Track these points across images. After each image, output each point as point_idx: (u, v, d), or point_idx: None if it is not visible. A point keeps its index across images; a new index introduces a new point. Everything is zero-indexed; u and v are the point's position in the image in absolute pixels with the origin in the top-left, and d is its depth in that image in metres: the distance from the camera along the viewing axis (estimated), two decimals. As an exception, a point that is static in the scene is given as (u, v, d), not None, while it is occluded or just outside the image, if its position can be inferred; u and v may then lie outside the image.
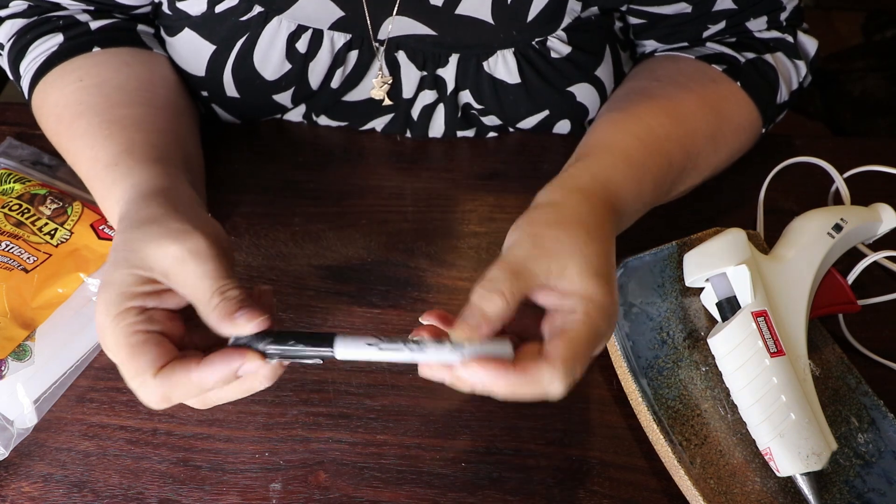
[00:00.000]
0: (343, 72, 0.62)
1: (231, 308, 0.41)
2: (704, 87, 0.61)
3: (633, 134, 0.56)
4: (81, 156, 0.54)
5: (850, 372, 0.54)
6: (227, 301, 0.41)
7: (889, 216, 0.60)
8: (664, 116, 0.57)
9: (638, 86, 0.62)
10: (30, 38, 0.59)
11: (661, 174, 0.56)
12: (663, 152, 0.56)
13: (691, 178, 0.60)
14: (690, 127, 0.58)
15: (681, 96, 0.59)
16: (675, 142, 0.57)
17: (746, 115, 0.62)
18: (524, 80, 0.62)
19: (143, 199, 0.47)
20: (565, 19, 0.60)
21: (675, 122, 0.57)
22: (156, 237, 0.42)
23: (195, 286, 0.41)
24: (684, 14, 0.61)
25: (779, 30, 0.64)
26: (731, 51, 0.63)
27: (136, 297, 0.42)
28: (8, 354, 0.52)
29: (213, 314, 0.41)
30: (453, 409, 0.54)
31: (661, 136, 0.56)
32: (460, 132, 0.69)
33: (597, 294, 0.44)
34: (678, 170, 0.57)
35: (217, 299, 0.41)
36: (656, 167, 0.55)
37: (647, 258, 0.57)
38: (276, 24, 0.58)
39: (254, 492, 0.50)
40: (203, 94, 0.64)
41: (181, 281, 0.42)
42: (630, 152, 0.54)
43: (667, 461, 0.50)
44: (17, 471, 0.51)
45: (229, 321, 0.41)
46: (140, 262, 0.42)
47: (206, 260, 0.42)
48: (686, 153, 0.58)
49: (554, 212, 0.48)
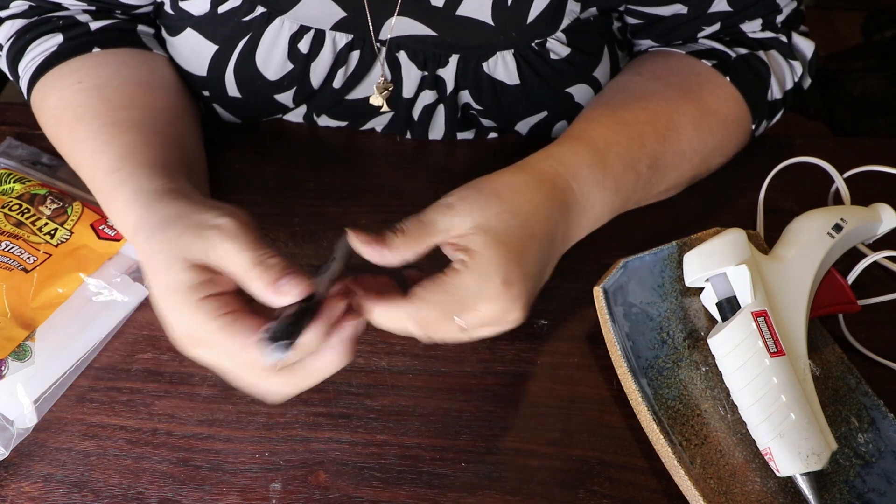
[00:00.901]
0: (345, 72, 0.62)
1: (273, 276, 0.42)
2: (687, 79, 0.61)
3: (600, 122, 0.57)
4: (83, 163, 0.54)
5: (850, 372, 0.54)
6: (269, 269, 0.42)
7: (889, 216, 0.60)
8: (637, 106, 0.58)
9: (618, 81, 0.63)
10: (29, 38, 0.59)
11: (630, 154, 0.56)
12: (632, 136, 0.56)
13: (676, 164, 0.59)
14: (667, 115, 0.58)
15: (659, 88, 0.60)
16: (648, 127, 0.57)
17: (734, 109, 0.62)
18: (523, 81, 0.62)
19: (153, 205, 0.47)
20: (564, 21, 0.60)
21: (650, 111, 0.58)
22: (184, 231, 0.44)
23: (235, 263, 0.42)
24: (680, 15, 0.61)
25: (773, 32, 0.64)
26: (722, 46, 0.63)
27: (202, 287, 0.43)
28: (8, 354, 0.52)
29: (257, 284, 0.42)
30: (453, 409, 0.54)
31: (632, 122, 0.57)
32: (460, 133, 0.69)
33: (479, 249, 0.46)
34: (653, 153, 0.57)
35: (258, 269, 0.42)
36: (623, 149, 0.55)
37: (647, 258, 0.57)
38: (278, 25, 0.58)
39: (254, 492, 0.50)
40: (204, 93, 0.64)
41: (222, 263, 0.43)
42: (594, 137, 0.55)
43: (667, 461, 0.50)
44: (17, 471, 0.51)
45: (273, 289, 0.41)
46: (184, 255, 0.43)
47: (237, 236, 0.43)
48: (662, 138, 0.57)
49: (485, 178, 0.51)
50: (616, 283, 0.56)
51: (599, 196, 0.55)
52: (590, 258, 0.60)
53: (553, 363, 0.56)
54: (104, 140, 0.53)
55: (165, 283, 0.43)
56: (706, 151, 0.61)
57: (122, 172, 0.50)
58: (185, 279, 0.43)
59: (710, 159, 0.62)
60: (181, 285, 0.43)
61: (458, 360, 0.56)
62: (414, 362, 0.56)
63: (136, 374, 0.55)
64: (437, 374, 0.55)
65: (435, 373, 0.55)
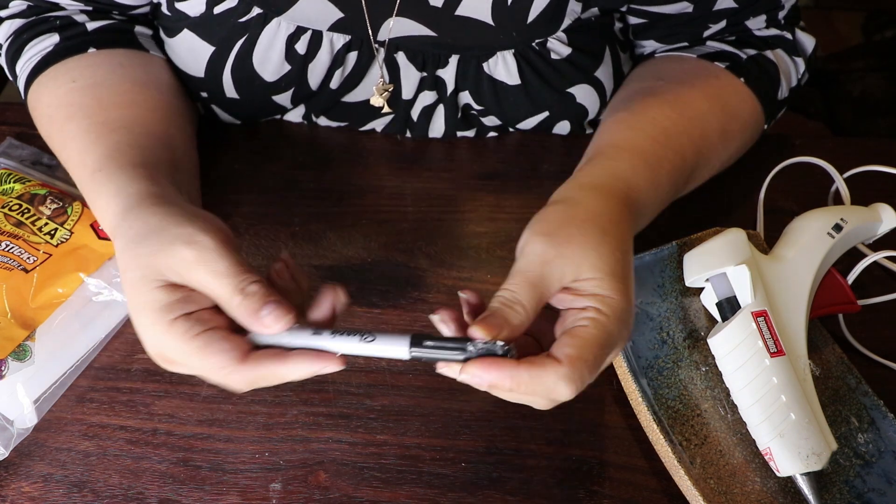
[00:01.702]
0: (342, 73, 0.62)
1: (255, 305, 0.41)
2: (709, 83, 0.60)
3: (646, 132, 0.55)
4: (71, 161, 0.54)
5: (850, 372, 0.54)
6: (250, 298, 0.41)
7: (889, 216, 0.60)
8: (673, 113, 0.57)
9: (643, 86, 0.62)
10: (26, 37, 0.59)
11: (675, 171, 0.55)
12: (676, 148, 0.55)
13: (701, 174, 0.60)
14: (701, 123, 0.58)
15: (687, 93, 0.59)
16: (686, 137, 0.57)
17: (751, 111, 0.62)
18: (524, 81, 0.62)
19: (132, 211, 0.46)
20: (565, 20, 0.59)
21: (686, 118, 0.57)
22: (162, 247, 0.42)
23: (213, 288, 0.41)
24: (685, 14, 0.61)
25: (777, 28, 0.64)
26: (731, 48, 0.63)
27: (174, 306, 0.41)
28: (8, 354, 0.52)
29: (238, 313, 0.41)
30: (453, 409, 0.54)
31: (673, 132, 0.56)
32: (460, 133, 0.69)
33: (610, 294, 0.42)
34: (691, 166, 0.57)
35: (238, 298, 0.41)
36: (670, 164, 0.55)
37: (647, 258, 0.57)
38: (275, 26, 0.58)
39: (254, 492, 0.50)
40: (203, 94, 0.64)
41: (199, 284, 0.41)
42: (645, 150, 0.54)
43: (667, 461, 0.50)
44: (17, 471, 0.51)
45: (256, 319, 0.41)
46: (157, 274, 0.42)
47: (217, 259, 0.41)
48: (697, 149, 0.57)
49: (568, 209, 0.47)
50: (616, 283, 0.56)
51: (649, 216, 0.54)
52: (590, 258, 0.60)
53: (553, 363, 0.56)
54: (92, 139, 0.53)
55: (137, 301, 0.42)
56: (726, 158, 0.62)
57: (106, 172, 0.50)
58: (158, 298, 0.41)
59: (726, 164, 0.63)
60: (153, 305, 0.41)
61: (458, 360, 0.56)
62: (414, 362, 0.56)
63: (136, 374, 0.55)
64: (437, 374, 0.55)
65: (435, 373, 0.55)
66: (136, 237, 0.44)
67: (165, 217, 0.44)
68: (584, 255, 0.43)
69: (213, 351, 0.41)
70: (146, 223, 0.44)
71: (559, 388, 0.40)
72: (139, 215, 0.45)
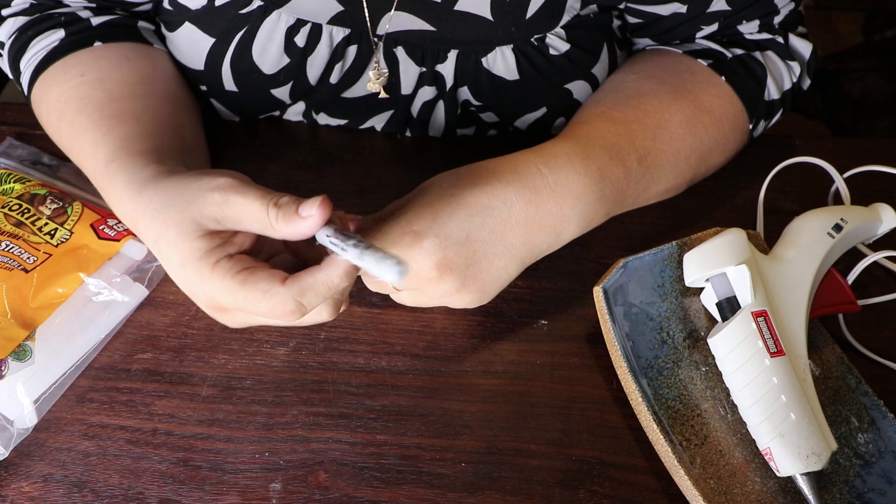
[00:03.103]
0: (342, 67, 0.62)
1: (291, 209, 0.42)
2: (681, 78, 0.61)
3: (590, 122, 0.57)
4: (84, 154, 0.54)
5: (850, 372, 0.54)
6: (285, 207, 0.42)
7: (889, 216, 0.60)
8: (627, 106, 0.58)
9: (613, 81, 0.63)
10: (31, 34, 0.59)
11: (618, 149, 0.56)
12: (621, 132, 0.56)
13: (671, 161, 0.59)
14: (657, 114, 0.58)
15: (652, 87, 0.60)
16: (637, 125, 0.57)
17: (729, 108, 0.61)
18: (522, 76, 0.62)
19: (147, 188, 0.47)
20: (564, 17, 0.60)
21: (640, 110, 0.58)
22: (190, 202, 0.44)
23: (249, 214, 0.43)
24: (679, 14, 0.61)
25: (770, 32, 0.64)
26: (718, 46, 0.63)
27: (215, 251, 0.43)
28: (8, 354, 0.52)
29: (279, 224, 0.42)
30: (453, 409, 0.54)
31: (620, 119, 0.57)
32: (460, 130, 0.69)
33: (407, 207, 0.49)
34: (642, 148, 0.57)
35: (274, 210, 0.42)
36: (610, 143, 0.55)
37: (647, 258, 0.57)
38: (275, 18, 0.59)
39: (254, 492, 0.50)
40: (202, 88, 0.65)
41: (235, 218, 0.43)
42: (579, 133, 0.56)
43: (667, 461, 0.50)
44: (17, 471, 0.51)
45: (297, 220, 0.42)
46: (195, 226, 0.43)
47: (244, 190, 0.43)
48: (652, 136, 0.57)
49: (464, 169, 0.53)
50: (616, 283, 0.56)
51: (581, 183, 0.53)
52: (590, 258, 0.60)
53: (553, 363, 0.56)
54: (103, 132, 0.53)
55: (178, 258, 0.44)
56: (703, 150, 0.61)
57: (118, 162, 0.51)
58: (198, 248, 0.43)
59: (707, 158, 0.62)
60: (194, 255, 0.43)
61: (458, 360, 0.56)
62: (414, 362, 0.56)
63: (136, 374, 0.55)
64: (437, 374, 0.55)
65: (435, 373, 0.55)
66: (159, 205, 0.45)
67: (181, 180, 0.46)
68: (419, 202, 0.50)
69: (257, 279, 0.43)
70: (165, 191, 0.46)
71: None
72: (156, 189, 0.47)
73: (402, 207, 0.51)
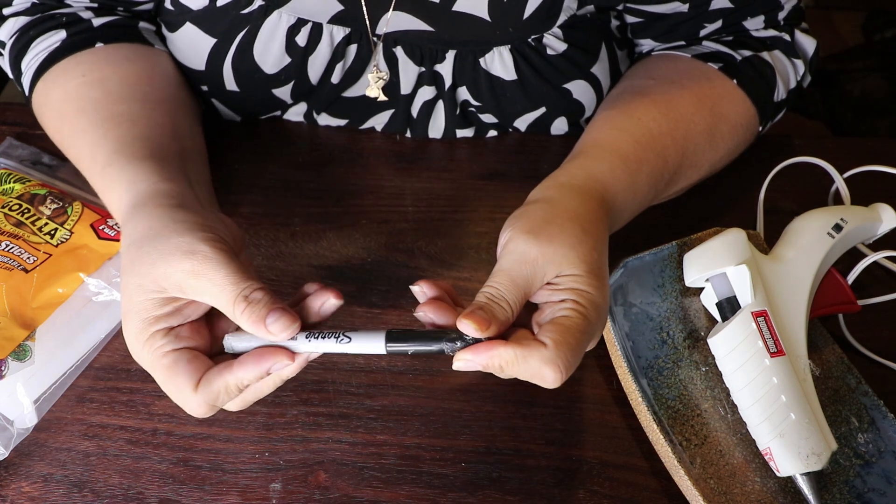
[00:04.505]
0: (343, 66, 0.62)
1: (260, 313, 0.41)
2: (700, 84, 0.61)
3: (629, 132, 0.56)
4: (82, 155, 0.55)
5: (850, 372, 0.54)
6: (254, 306, 0.41)
7: (889, 216, 0.60)
8: (658, 114, 0.57)
9: (633, 84, 0.62)
10: (32, 34, 0.59)
11: (656, 172, 0.56)
12: (658, 150, 0.56)
13: (688, 175, 0.60)
14: (686, 124, 0.58)
15: (676, 94, 0.59)
16: (669, 139, 0.57)
17: (743, 113, 0.62)
18: (520, 76, 0.62)
19: (139, 210, 0.46)
20: (561, 17, 0.60)
21: (670, 119, 0.58)
22: (161, 257, 0.42)
23: (216, 296, 0.42)
24: (681, 13, 0.61)
25: (776, 29, 0.64)
26: (727, 49, 0.63)
27: (158, 320, 0.42)
28: (8, 354, 0.52)
29: (243, 320, 0.41)
30: (453, 409, 0.54)
31: (656, 133, 0.56)
32: (460, 131, 0.69)
33: (588, 290, 0.44)
34: (673, 167, 0.57)
35: (242, 305, 0.41)
36: (651, 165, 0.55)
37: (647, 258, 0.57)
38: (276, 18, 0.59)
39: (254, 492, 0.50)
40: (203, 88, 0.65)
41: (200, 294, 0.42)
42: (625, 152, 0.55)
43: (667, 461, 0.50)
44: (17, 471, 0.51)
45: (263, 327, 0.41)
46: (154, 285, 0.42)
47: (218, 267, 0.42)
48: (681, 150, 0.58)
49: (549, 207, 0.48)
50: (616, 283, 0.56)
51: (626, 216, 0.55)
52: (590, 258, 0.60)
53: (553, 363, 0.56)
54: (101, 134, 0.53)
55: (128, 306, 0.43)
56: (715, 160, 0.62)
57: (115, 167, 0.51)
58: (146, 308, 0.42)
59: (717, 165, 0.63)
60: (140, 314, 0.42)
61: (458, 360, 0.56)
62: (414, 362, 0.56)
63: (136, 374, 0.55)
64: (437, 374, 0.55)
65: (435, 373, 0.55)
66: (139, 240, 0.44)
67: (169, 223, 0.44)
68: (565, 255, 0.45)
69: (174, 373, 0.42)
70: (150, 226, 0.45)
71: (545, 372, 0.42)
72: (144, 216, 0.46)
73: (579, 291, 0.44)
